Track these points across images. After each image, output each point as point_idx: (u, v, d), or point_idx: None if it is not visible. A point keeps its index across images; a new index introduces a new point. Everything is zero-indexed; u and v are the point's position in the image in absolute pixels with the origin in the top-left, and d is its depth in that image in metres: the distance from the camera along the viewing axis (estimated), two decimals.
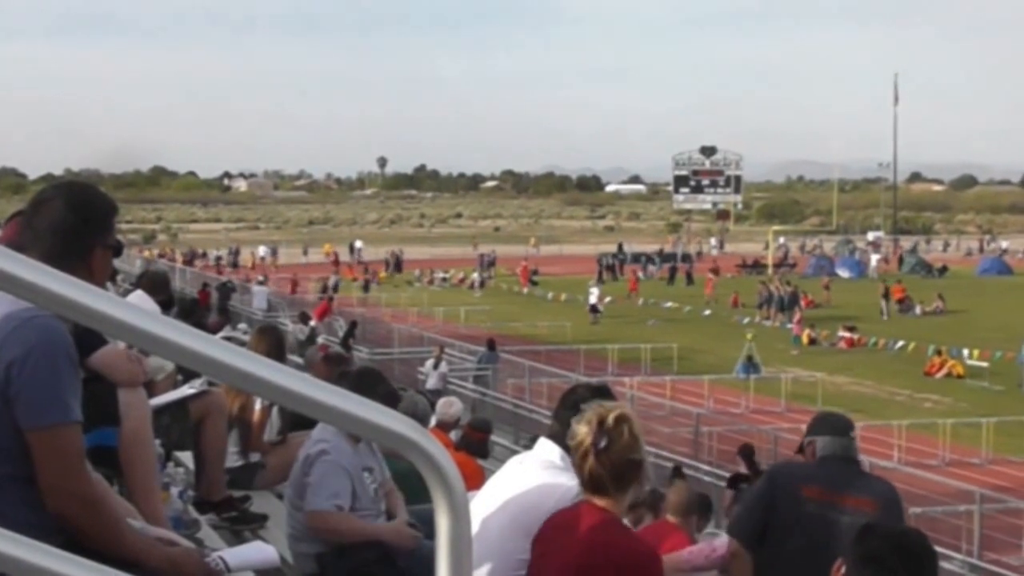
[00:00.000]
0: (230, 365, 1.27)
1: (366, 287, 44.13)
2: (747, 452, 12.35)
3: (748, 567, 3.88)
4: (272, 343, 5.47)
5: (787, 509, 3.81)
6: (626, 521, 5.79)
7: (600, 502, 2.67)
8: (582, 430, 2.62)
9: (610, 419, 2.60)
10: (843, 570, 2.53)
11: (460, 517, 1.35)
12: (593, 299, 37.29)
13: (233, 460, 5.03)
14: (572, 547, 2.63)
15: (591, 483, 2.66)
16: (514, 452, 8.65)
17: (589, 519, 2.65)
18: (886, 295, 38.76)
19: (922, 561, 2.51)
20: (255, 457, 5.18)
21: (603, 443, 2.58)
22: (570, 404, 3.12)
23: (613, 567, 2.59)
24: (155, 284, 7.21)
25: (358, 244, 65.11)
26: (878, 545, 2.50)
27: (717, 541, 4.86)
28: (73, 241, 2.30)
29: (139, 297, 6.41)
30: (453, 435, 8.05)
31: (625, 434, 2.60)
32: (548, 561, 2.70)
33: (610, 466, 2.61)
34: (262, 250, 61.47)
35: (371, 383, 4.28)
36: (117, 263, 2.92)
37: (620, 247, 62.92)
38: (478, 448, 8.05)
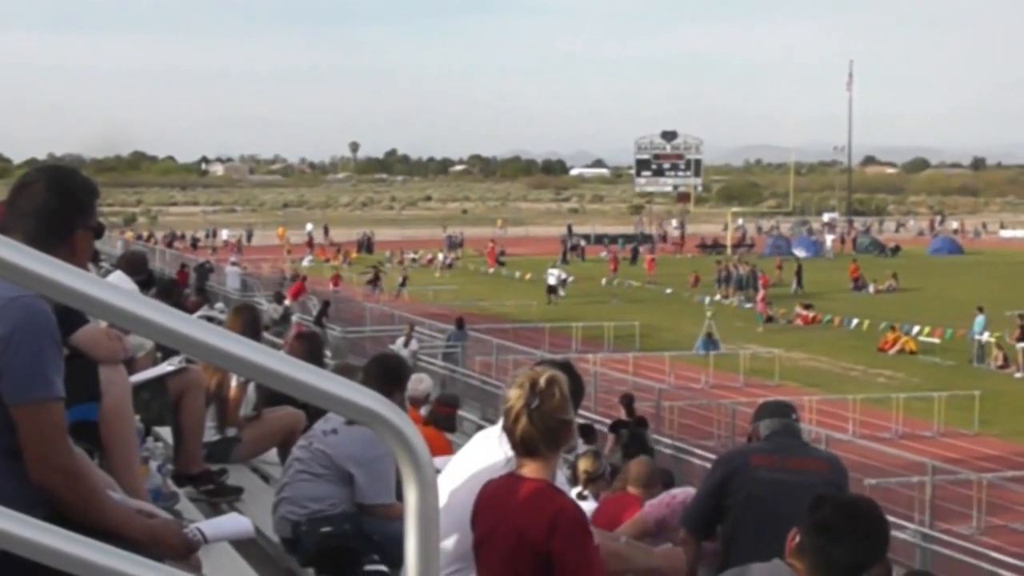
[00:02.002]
0: (205, 342, 1.29)
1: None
2: (627, 400, 12.97)
3: (694, 555, 3.91)
4: (247, 321, 5.47)
5: (741, 482, 3.91)
6: (586, 492, 6.04)
7: (531, 466, 2.69)
8: (514, 393, 2.66)
9: (542, 381, 2.64)
10: (797, 539, 2.54)
11: (428, 490, 1.37)
12: (552, 280, 37.16)
13: (210, 434, 5.10)
14: (510, 524, 2.67)
15: (523, 445, 2.67)
16: (482, 427, 8.92)
17: (520, 491, 2.67)
18: (799, 272, 39.98)
19: (874, 529, 2.53)
20: (232, 432, 5.25)
21: (535, 403, 2.62)
22: None
23: (549, 530, 2.61)
24: (133, 264, 7.37)
25: (308, 227, 65.74)
26: (831, 514, 2.52)
27: (676, 490, 4.97)
28: (55, 223, 2.32)
29: (118, 277, 6.44)
30: (423, 411, 8.28)
31: (556, 394, 2.64)
32: (491, 542, 2.74)
33: (542, 426, 2.63)
34: (225, 233, 61.18)
35: (399, 375, 4.38)
36: (99, 244, 3.04)
37: (569, 229, 63.72)
38: (446, 423, 8.28)
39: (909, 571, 6.99)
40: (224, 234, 60.98)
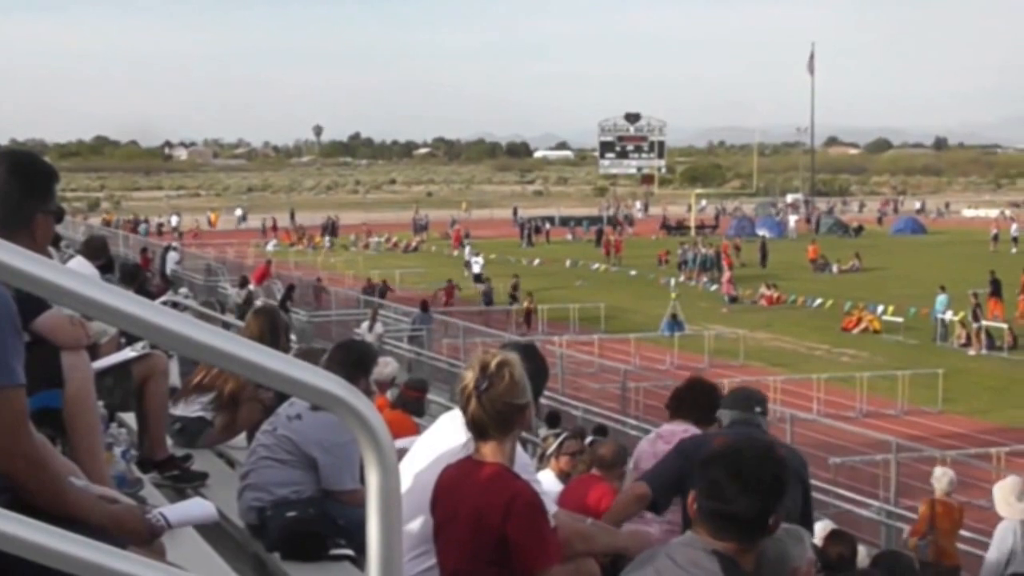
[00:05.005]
0: (164, 328, 1.29)
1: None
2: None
3: (639, 505, 3.89)
4: (265, 327, 5.31)
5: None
6: (552, 474, 6.05)
7: (487, 450, 2.69)
8: (468, 375, 2.67)
9: (493, 363, 2.64)
10: (696, 504, 2.42)
11: (389, 472, 1.36)
12: (477, 268, 36.64)
13: (195, 410, 5.14)
14: (467, 508, 2.68)
15: (474, 427, 2.68)
16: (450, 409, 8.98)
17: (477, 475, 2.68)
18: (763, 251, 41.16)
19: (765, 479, 2.34)
20: (209, 415, 5.22)
21: (484, 385, 2.62)
22: None
23: (504, 513, 2.62)
24: (93, 249, 7.30)
25: (238, 212, 65.61)
26: (718, 473, 2.36)
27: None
28: (15, 208, 2.32)
29: (78, 263, 6.49)
30: (390, 394, 8.26)
31: (506, 377, 2.62)
32: (450, 527, 2.75)
33: (491, 410, 2.62)
34: (174, 220, 60.49)
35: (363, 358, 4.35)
36: (61, 230, 3.03)
37: (515, 211, 63.81)
38: (415, 406, 8.28)
39: (881, 551, 7.04)
40: (174, 220, 60.09)
